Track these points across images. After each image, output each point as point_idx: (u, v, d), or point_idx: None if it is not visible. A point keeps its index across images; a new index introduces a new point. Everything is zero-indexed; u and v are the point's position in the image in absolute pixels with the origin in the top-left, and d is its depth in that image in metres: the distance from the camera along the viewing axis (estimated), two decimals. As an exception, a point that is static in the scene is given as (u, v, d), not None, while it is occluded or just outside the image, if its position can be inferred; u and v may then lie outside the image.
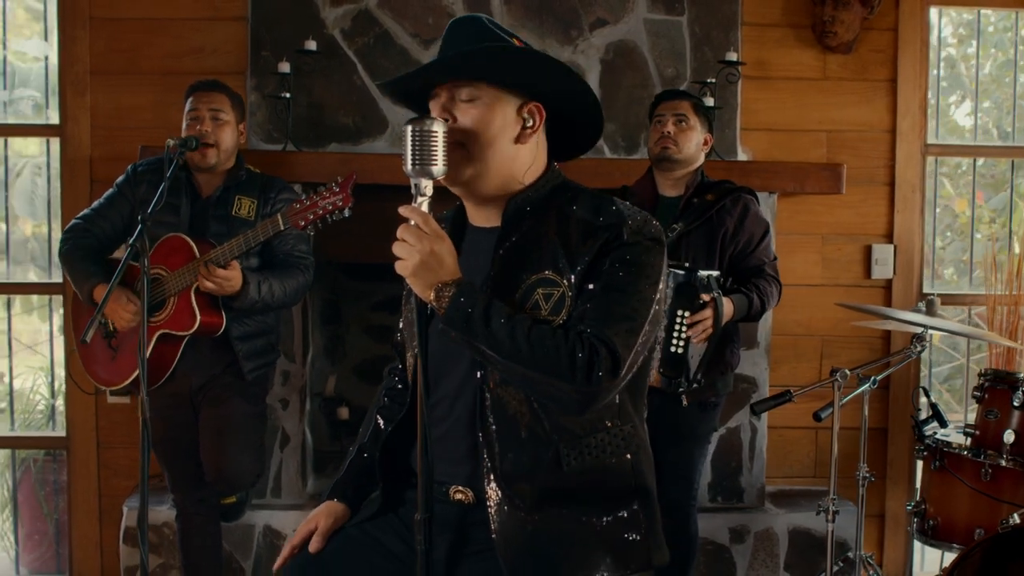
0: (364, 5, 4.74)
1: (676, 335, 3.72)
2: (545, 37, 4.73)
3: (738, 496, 4.65)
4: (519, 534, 2.20)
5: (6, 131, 5.14)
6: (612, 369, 2.08)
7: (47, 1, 5.02)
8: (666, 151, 4.02)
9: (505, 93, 2.24)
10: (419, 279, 2.12)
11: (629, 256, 2.18)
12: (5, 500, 5.34)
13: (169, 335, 3.86)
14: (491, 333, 2.08)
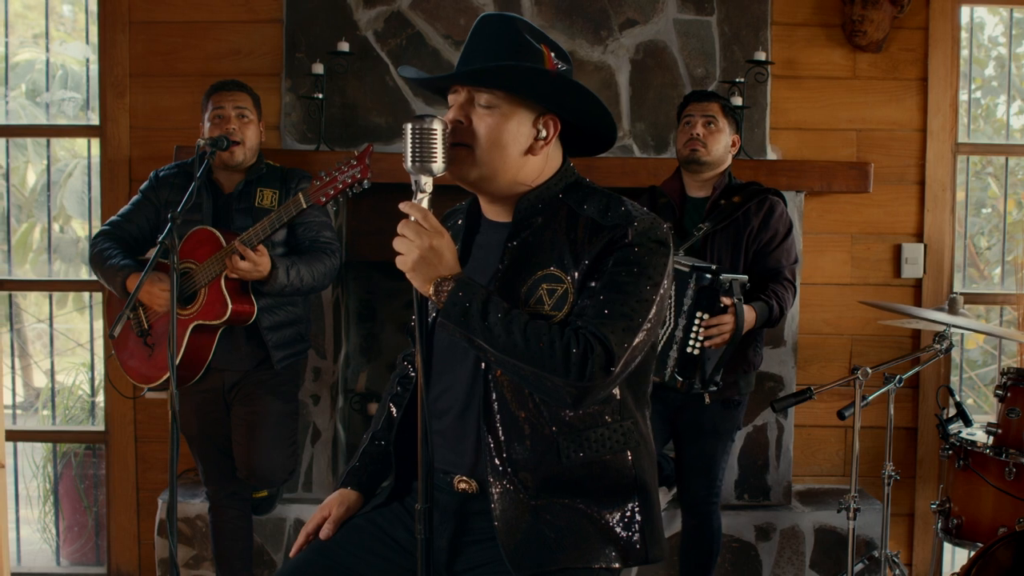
0: (397, 7, 4.80)
1: (693, 336, 3.74)
2: (575, 37, 4.77)
3: (764, 494, 4.66)
4: (520, 523, 2.25)
5: (49, 132, 5.27)
6: (606, 365, 2.11)
7: (89, 6, 5.13)
8: (695, 153, 4.05)
9: (523, 104, 2.27)
10: (418, 274, 2.17)
11: (632, 257, 2.20)
12: (47, 493, 5.46)
13: (203, 326, 3.93)
14: (487, 327, 2.12)
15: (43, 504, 5.47)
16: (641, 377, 2.37)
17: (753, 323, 3.88)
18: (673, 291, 3.78)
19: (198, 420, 4.18)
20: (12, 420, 5.47)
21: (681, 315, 3.76)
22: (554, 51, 2.32)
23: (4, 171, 5.28)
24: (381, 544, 2.39)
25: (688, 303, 3.75)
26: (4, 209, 5.31)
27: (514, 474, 2.25)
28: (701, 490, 4.09)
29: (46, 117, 5.23)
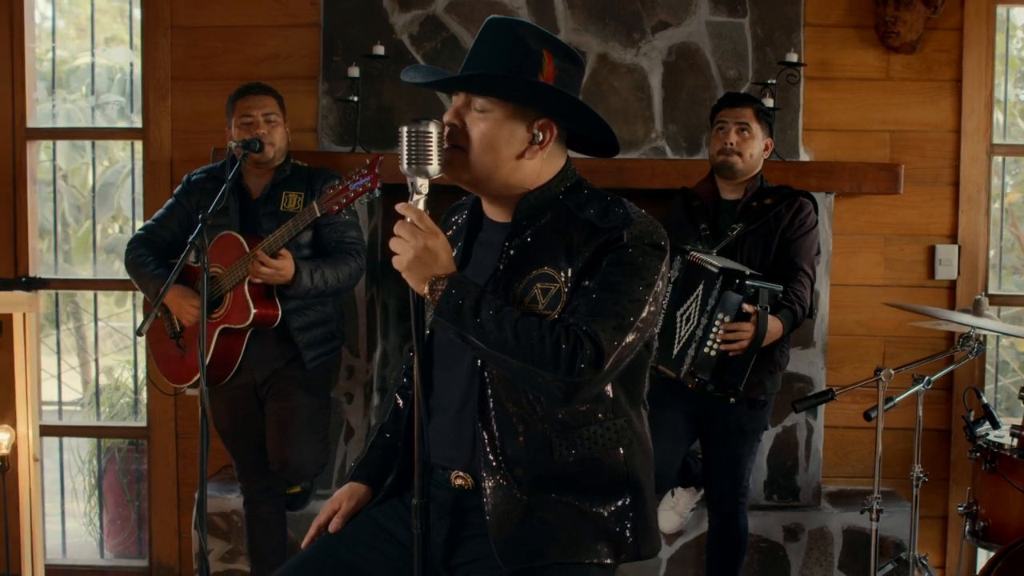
0: (432, 10, 4.86)
1: (712, 337, 3.76)
2: (608, 40, 4.80)
3: (794, 495, 4.67)
4: (511, 518, 2.29)
5: (94, 134, 5.39)
6: (595, 362, 2.15)
7: (132, 11, 5.25)
8: (729, 161, 4.06)
9: (518, 109, 2.30)
10: (413, 273, 2.22)
11: (626, 258, 2.24)
12: (92, 487, 5.59)
13: (230, 329, 4.02)
14: (479, 324, 2.17)
15: (88, 498, 5.60)
16: (635, 376, 2.41)
17: (779, 333, 3.89)
18: (701, 289, 3.81)
19: (230, 416, 4.27)
20: (59, 416, 5.60)
21: (704, 315, 3.79)
22: (557, 54, 2.33)
23: (63, 173, 5.40)
24: (381, 541, 2.45)
25: (712, 304, 3.77)
26: (63, 210, 5.43)
27: (507, 470, 2.30)
28: (727, 490, 4.11)
29: (100, 120, 5.35)
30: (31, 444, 3.61)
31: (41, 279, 5.21)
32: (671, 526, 4.48)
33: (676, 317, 3.91)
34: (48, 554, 5.34)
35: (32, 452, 3.60)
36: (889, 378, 3.77)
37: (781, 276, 3.94)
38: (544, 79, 2.30)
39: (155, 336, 4.28)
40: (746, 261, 3.98)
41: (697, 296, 3.82)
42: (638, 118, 4.81)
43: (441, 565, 2.40)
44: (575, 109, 2.33)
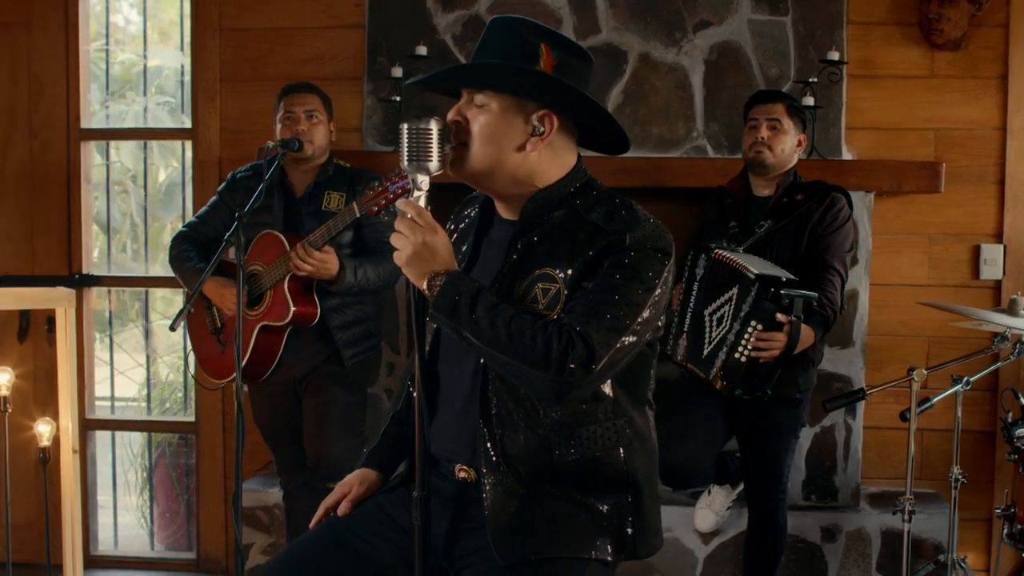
0: (475, 11, 4.89)
1: (743, 344, 3.75)
2: (649, 39, 4.81)
3: (832, 495, 4.64)
4: (509, 511, 2.32)
5: (145, 135, 5.51)
6: (585, 363, 2.16)
7: (183, 14, 5.35)
8: (759, 156, 4.06)
9: (516, 101, 2.33)
10: (412, 269, 2.25)
11: (627, 261, 2.25)
12: (143, 481, 5.70)
13: (269, 327, 4.09)
14: (474, 320, 2.20)
15: (140, 492, 5.72)
16: (638, 377, 2.43)
17: (811, 341, 3.88)
18: (736, 293, 3.79)
19: (270, 412, 4.35)
20: (111, 411, 5.73)
21: (737, 320, 3.77)
22: (557, 47, 2.34)
23: (132, 174, 5.52)
24: (387, 528, 2.48)
25: (745, 310, 3.75)
26: (131, 209, 5.55)
27: (508, 466, 2.32)
28: (766, 486, 4.11)
29: (143, 120, 5.47)
30: (71, 437, 3.69)
31: (94, 276, 5.32)
32: (707, 524, 4.48)
33: (704, 316, 3.91)
34: (100, 546, 5.47)
35: (72, 444, 3.68)
36: (922, 378, 3.74)
37: (811, 274, 3.92)
38: (542, 70, 2.32)
39: (197, 332, 4.36)
40: (775, 258, 3.96)
41: (731, 299, 3.81)
42: (679, 117, 4.81)
43: (442, 556, 2.43)
44: (569, 95, 2.33)
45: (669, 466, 4.09)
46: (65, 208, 5.27)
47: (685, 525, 4.53)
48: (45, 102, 5.24)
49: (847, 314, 4.56)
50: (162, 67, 6.81)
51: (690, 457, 4.08)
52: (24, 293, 4.18)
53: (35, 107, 5.25)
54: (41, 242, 5.28)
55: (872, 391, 3.83)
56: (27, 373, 4.94)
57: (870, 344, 4.75)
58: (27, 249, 5.29)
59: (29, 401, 4.95)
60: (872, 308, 4.75)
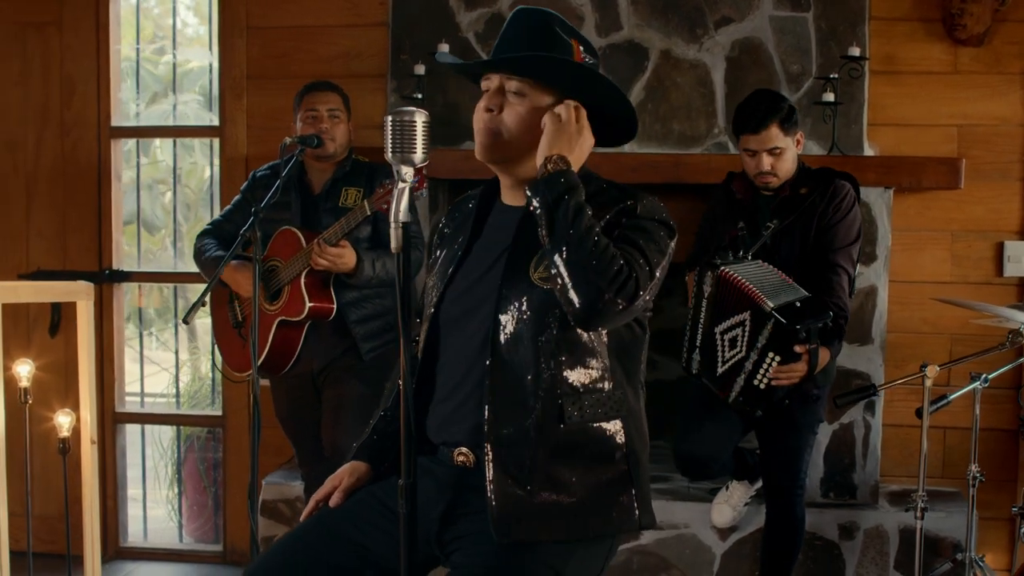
0: (497, 8, 4.92)
1: (762, 373, 3.75)
2: (671, 35, 4.81)
3: (851, 492, 4.62)
4: (511, 497, 2.34)
5: (174, 132, 5.58)
6: (632, 296, 2.25)
7: (211, 13, 5.42)
8: (768, 184, 4.05)
9: (548, 92, 2.43)
10: (553, 138, 2.36)
11: (642, 226, 2.36)
12: (173, 474, 5.78)
13: (287, 322, 4.14)
14: (580, 208, 2.28)
15: (169, 485, 5.80)
16: (632, 354, 2.48)
17: (827, 361, 3.88)
18: (750, 320, 3.78)
19: (289, 405, 4.41)
20: (141, 404, 5.82)
21: (753, 350, 3.76)
22: (583, 45, 2.46)
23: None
24: (379, 516, 2.51)
25: (762, 342, 3.74)
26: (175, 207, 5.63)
27: (509, 448, 2.35)
28: (784, 481, 4.10)
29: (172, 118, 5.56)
30: (90, 428, 3.76)
31: (123, 272, 5.41)
32: (724, 520, 4.48)
33: (716, 335, 3.89)
34: (130, 538, 5.56)
35: (90, 435, 3.75)
36: (934, 374, 3.72)
37: (818, 274, 3.92)
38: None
39: (219, 326, 4.43)
40: (784, 259, 3.95)
41: (743, 323, 3.80)
42: (700, 114, 4.81)
43: (433, 541, 2.46)
44: (611, 91, 2.47)
45: (685, 455, 4.14)
46: (96, 205, 5.35)
47: (703, 521, 4.54)
48: (77, 101, 5.33)
49: (866, 311, 4.55)
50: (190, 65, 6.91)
51: (706, 447, 4.10)
52: (42, 286, 4.27)
53: (67, 106, 5.34)
54: (73, 238, 5.37)
55: (883, 387, 3.81)
56: (58, 366, 5.03)
57: (892, 341, 4.74)
58: (59, 245, 5.38)
59: (61, 394, 5.03)
60: (894, 305, 4.73)
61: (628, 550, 4.56)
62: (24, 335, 5.34)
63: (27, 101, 5.36)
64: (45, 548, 5.11)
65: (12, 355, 4.77)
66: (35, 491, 5.24)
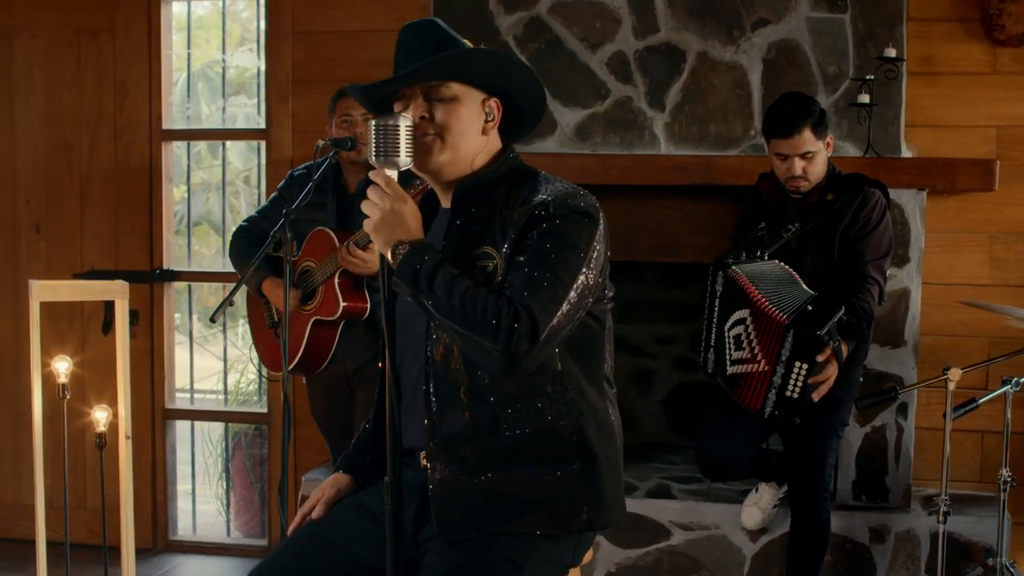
0: (536, 12, 4.96)
1: (792, 383, 3.76)
2: (708, 38, 4.82)
3: (882, 496, 4.60)
4: (452, 492, 2.40)
5: (221, 135, 5.70)
6: (531, 334, 2.21)
7: (259, 18, 5.54)
8: (799, 189, 4.06)
9: (472, 91, 2.47)
10: (380, 235, 2.35)
11: (554, 228, 2.32)
12: (221, 470, 5.91)
13: (321, 321, 4.22)
14: (433, 290, 2.26)
15: (217, 480, 5.93)
16: (591, 351, 2.49)
17: (846, 354, 3.88)
18: (752, 323, 3.83)
19: (324, 404, 4.49)
20: (190, 400, 5.95)
21: (780, 364, 3.77)
22: (472, 44, 2.53)
23: (244, 174, 5.72)
24: (363, 520, 2.57)
25: (786, 354, 3.76)
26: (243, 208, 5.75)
27: (452, 449, 2.40)
28: (808, 485, 4.09)
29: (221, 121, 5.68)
30: (125, 423, 3.87)
31: (173, 271, 5.54)
32: (753, 522, 4.48)
33: (724, 332, 3.93)
34: (179, 531, 5.69)
35: (125, 431, 3.86)
36: (957, 377, 3.70)
37: (847, 282, 3.92)
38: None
39: (257, 325, 4.53)
40: (808, 266, 3.96)
41: (745, 322, 3.84)
42: (737, 116, 4.81)
43: (411, 541, 2.52)
44: (525, 74, 2.53)
45: (706, 456, 4.17)
46: (147, 206, 5.49)
47: (733, 522, 4.54)
48: (129, 104, 5.47)
49: (898, 313, 4.53)
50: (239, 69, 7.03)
51: (727, 448, 4.12)
52: (78, 285, 4.40)
53: (119, 109, 5.48)
54: (125, 239, 5.51)
55: (904, 391, 3.80)
56: (111, 363, 5.16)
57: (927, 344, 4.71)
58: (112, 245, 5.53)
59: (109, 391, 5.16)
60: (930, 308, 4.70)
61: (658, 550, 4.59)
62: (79, 333, 5.51)
63: (82, 105, 5.51)
64: (96, 540, 5.25)
65: (66, 351, 4.95)
66: (84, 485, 5.41)
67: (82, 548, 5.01)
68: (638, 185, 4.71)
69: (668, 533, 4.60)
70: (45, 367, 3.85)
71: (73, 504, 5.24)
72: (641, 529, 4.61)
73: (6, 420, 5.60)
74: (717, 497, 4.69)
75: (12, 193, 5.59)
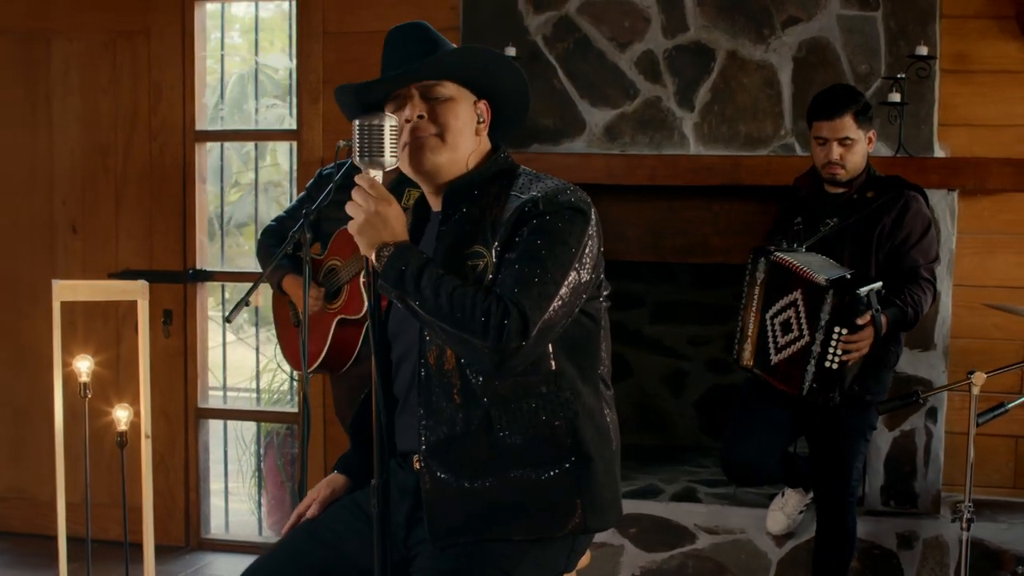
0: (565, 11, 4.94)
1: (832, 351, 3.72)
2: (738, 36, 4.77)
3: (911, 501, 4.52)
4: (445, 496, 2.39)
5: (253, 136, 5.73)
6: (522, 331, 2.20)
7: (291, 19, 5.56)
8: (835, 176, 4.02)
9: (465, 92, 2.47)
10: (364, 237, 2.33)
11: (544, 225, 2.32)
12: (254, 469, 5.94)
13: (346, 320, 4.23)
14: (419, 290, 2.25)
15: (250, 479, 5.96)
16: (586, 351, 2.47)
17: (885, 329, 3.81)
18: (802, 298, 3.79)
19: (349, 404, 4.48)
20: (223, 400, 5.98)
21: (819, 330, 3.75)
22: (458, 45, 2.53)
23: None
24: (356, 520, 2.57)
25: (825, 319, 3.73)
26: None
27: (443, 453, 2.39)
28: (833, 490, 4.04)
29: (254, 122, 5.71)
30: (145, 423, 3.90)
31: (206, 271, 5.57)
32: (779, 527, 4.43)
33: (766, 320, 3.89)
34: (212, 530, 5.72)
35: (145, 430, 3.89)
36: (981, 381, 3.63)
37: (900, 280, 3.89)
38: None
39: (282, 324, 4.54)
40: (844, 262, 3.91)
41: (795, 304, 3.78)
42: (767, 115, 4.76)
43: (402, 544, 2.51)
44: (512, 73, 2.53)
45: (731, 461, 4.13)
46: (181, 207, 5.53)
47: (759, 527, 4.49)
48: (163, 106, 5.51)
49: (928, 316, 4.43)
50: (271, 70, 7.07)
51: (752, 453, 4.08)
52: (98, 285, 4.45)
53: (154, 111, 5.52)
54: (159, 239, 5.55)
55: (926, 395, 3.72)
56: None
57: (961, 347, 4.63)
58: (147, 246, 5.57)
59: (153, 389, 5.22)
60: (963, 310, 4.63)
61: (683, 554, 4.55)
62: (114, 331, 5.56)
63: (117, 107, 5.56)
64: (133, 538, 5.31)
65: (101, 350, 5.02)
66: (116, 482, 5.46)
67: (110, 545, 5.05)
68: (666, 185, 4.67)
69: (693, 537, 4.55)
70: (67, 366, 3.88)
71: (106, 502, 5.30)
72: (666, 532, 4.57)
73: (45, 418, 5.66)
74: (743, 501, 4.64)
75: (49, 194, 5.65)
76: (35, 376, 5.50)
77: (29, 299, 5.56)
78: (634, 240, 4.80)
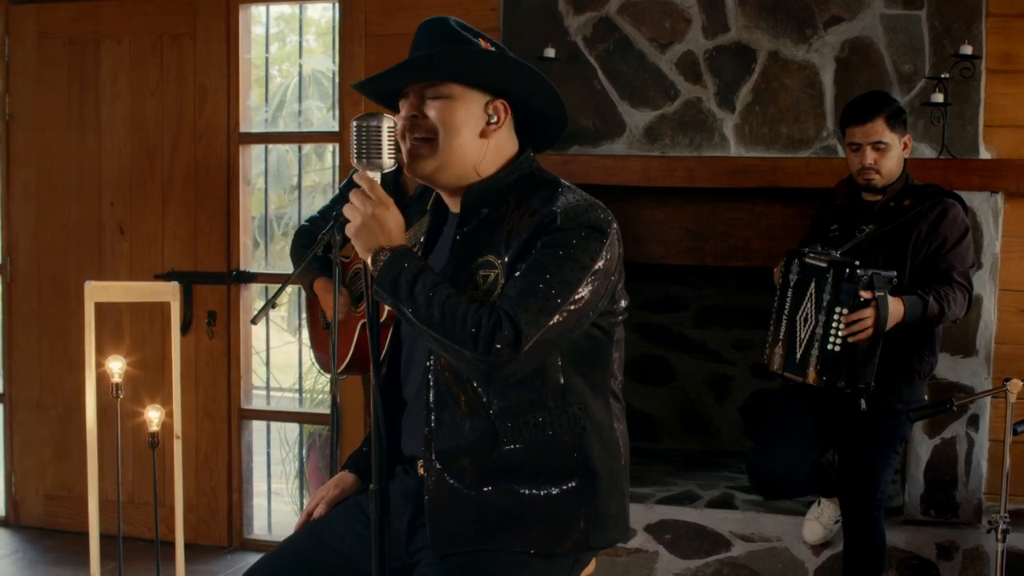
0: (605, 12, 4.90)
1: (833, 333, 3.66)
2: (779, 36, 4.70)
3: (952, 511, 4.42)
4: (448, 504, 2.35)
5: (297, 138, 5.75)
6: (513, 344, 2.15)
7: (334, 21, 5.58)
8: (870, 182, 3.95)
9: (472, 91, 2.37)
10: (360, 240, 2.30)
11: (559, 240, 2.25)
12: (296, 470, 5.97)
13: (373, 323, 4.22)
14: (413, 297, 2.21)
15: (293, 479, 5.99)
16: (597, 365, 2.41)
17: (901, 316, 3.72)
18: (814, 287, 3.74)
19: (378, 404, 4.49)
20: (267, 401, 6.02)
21: (821, 312, 3.71)
22: (493, 46, 2.41)
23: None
24: (360, 523, 2.54)
25: (827, 299, 3.69)
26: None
27: (450, 460, 2.35)
28: (859, 501, 3.95)
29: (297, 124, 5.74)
30: (177, 423, 3.93)
31: (249, 273, 5.61)
32: (815, 537, 4.35)
33: (796, 321, 3.84)
34: (255, 531, 5.76)
35: (176, 430, 3.92)
36: (1017, 388, 3.53)
37: (933, 281, 3.82)
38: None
39: (312, 326, 4.56)
40: (874, 263, 3.83)
41: (810, 295, 3.75)
42: (809, 116, 4.69)
43: (403, 550, 2.48)
44: (528, 76, 2.39)
45: (759, 473, 4.06)
46: (224, 208, 5.57)
47: (795, 535, 4.42)
48: (208, 108, 5.56)
49: (970, 321, 4.33)
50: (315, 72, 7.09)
51: (780, 465, 4.00)
52: (131, 287, 4.47)
53: (199, 113, 5.57)
54: (203, 240, 5.60)
55: (960, 402, 3.64)
56: (188, 363, 5.26)
57: (1006, 353, 4.52)
58: (191, 247, 5.62)
59: (190, 389, 5.27)
60: (1009, 316, 4.54)
61: (718, 561, 4.49)
62: (159, 333, 5.61)
63: (163, 109, 5.61)
64: (167, 536, 5.36)
65: (144, 352, 5.08)
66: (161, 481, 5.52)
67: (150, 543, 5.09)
68: (705, 188, 4.62)
69: (728, 544, 4.49)
70: (100, 367, 3.92)
71: (148, 501, 5.35)
72: (701, 539, 4.51)
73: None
74: (779, 509, 4.56)
75: (98, 195, 5.72)
76: (83, 376, 5.55)
77: (77, 300, 5.60)
78: (674, 243, 4.75)
